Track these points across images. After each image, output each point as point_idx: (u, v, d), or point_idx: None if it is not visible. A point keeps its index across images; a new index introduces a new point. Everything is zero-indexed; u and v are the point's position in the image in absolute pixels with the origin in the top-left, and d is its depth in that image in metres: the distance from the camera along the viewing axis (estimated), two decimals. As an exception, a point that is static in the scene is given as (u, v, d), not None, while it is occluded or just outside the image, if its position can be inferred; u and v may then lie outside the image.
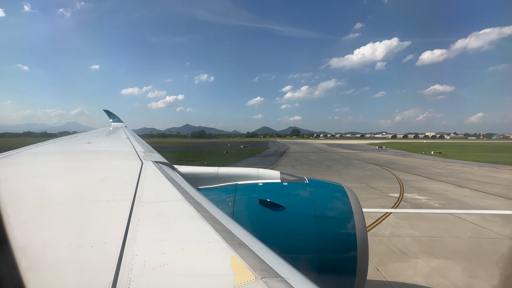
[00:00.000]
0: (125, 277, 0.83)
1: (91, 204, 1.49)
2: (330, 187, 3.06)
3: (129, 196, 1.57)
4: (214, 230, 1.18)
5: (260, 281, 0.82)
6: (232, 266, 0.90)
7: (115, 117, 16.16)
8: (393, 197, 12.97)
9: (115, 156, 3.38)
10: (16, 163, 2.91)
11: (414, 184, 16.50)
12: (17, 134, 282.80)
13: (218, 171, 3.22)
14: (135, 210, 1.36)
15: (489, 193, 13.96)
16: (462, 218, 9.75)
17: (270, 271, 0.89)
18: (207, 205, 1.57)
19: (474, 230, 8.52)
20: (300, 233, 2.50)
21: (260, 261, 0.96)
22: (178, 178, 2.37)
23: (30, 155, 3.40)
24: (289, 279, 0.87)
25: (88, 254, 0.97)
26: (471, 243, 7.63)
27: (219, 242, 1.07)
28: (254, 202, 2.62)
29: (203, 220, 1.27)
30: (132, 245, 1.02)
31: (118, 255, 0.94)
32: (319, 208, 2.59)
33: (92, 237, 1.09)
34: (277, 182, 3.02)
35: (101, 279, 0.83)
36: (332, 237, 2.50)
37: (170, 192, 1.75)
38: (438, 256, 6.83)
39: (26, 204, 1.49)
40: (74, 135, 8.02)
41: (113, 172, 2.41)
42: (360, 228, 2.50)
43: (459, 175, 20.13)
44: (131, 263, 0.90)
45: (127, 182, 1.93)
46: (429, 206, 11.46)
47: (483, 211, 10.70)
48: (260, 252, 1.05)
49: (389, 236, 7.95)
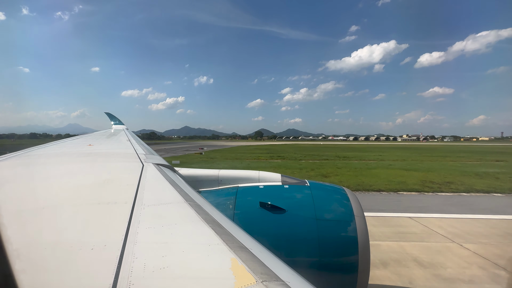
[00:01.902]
0: (125, 280, 0.82)
1: (91, 206, 1.49)
2: (331, 190, 3.05)
3: (129, 198, 1.57)
4: (214, 233, 1.17)
5: (261, 284, 0.81)
6: (232, 269, 0.89)
7: (116, 119, 16.24)
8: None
9: (116, 159, 3.39)
10: (17, 165, 2.92)
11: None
12: (23, 135, 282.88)
13: (219, 173, 3.22)
14: (136, 212, 1.36)
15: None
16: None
17: (271, 275, 0.89)
18: (208, 208, 1.57)
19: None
20: (301, 236, 2.48)
21: (261, 264, 0.95)
22: (179, 180, 2.37)
23: (31, 157, 3.41)
24: (290, 282, 0.86)
25: (88, 256, 0.97)
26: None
27: (219, 245, 1.06)
28: (255, 205, 2.62)
29: (203, 223, 1.27)
30: (132, 247, 1.01)
31: (118, 258, 0.94)
32: (320, 211, 2.58)
33: (92, 240, 1.09)
34: (278, 185, 3.01)
35: (101, 281, 0.83)
36: (333, 240, 2.48)
37: (170, 195, 1.75)
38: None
39: (26, 206, 1.49)
40: (75, 137, 8.06)
41: (114, 174, 2.42)
42: (362, 232, 2.49)
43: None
44: (131, 265, 0.90)
45: (127, 184, 1.93)
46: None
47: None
48: (261, 255, 1.05)
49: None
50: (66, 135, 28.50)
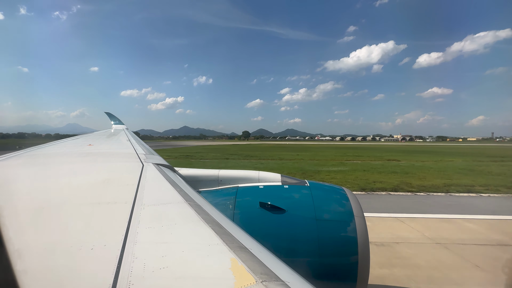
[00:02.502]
0: (124, 280, 0.82)
1: (91, 206, 1.49)
2: (331, 190, 3.05)
3: (129, 198, 1.57)
4: (214, 233, 1.17)
5: (261, 284, 0.81)
6: (232, 270, 0.89)
7: (116, 119, 16.23)
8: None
9: (116, 158, 3.39)
10: (16, 165, 2.92)
11: None
12: (21, 134, 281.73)
13: (219, 173, 3.22)
14: (136, 212, 1.36)
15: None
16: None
17: (271, 275, 0.89)
18: (208, 208, 1.57)
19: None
20: (301, 236, 2.49)
21: (260, 264, 0.95)
22: (178, 180, 2.37)
23: (30, 157, 3.41)
24: (290, 282, 0.86)
25: (88, 256, 0.97)
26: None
27: (219, 245, 1.06)
28: (255, 205, 2.62)
29: (203, 223, 1.27)
30: (132, 247, 1.01)
31: (118, 258, 0.94)
32: (320, 211, 2.58)
33: (92, 240, 1.09)
34: (277, 185, 3.01)
35: (100, 281, 0.83)
36: (333, 241, 2.48)
37: (170, 195, 1.75)
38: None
39: (26, 206, 1.49)
40: (75, 137, 8.06)
41: (114, 174, 2.42)
42: (361, 232, 2.49)
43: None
44: (131, 265, 0.90)
45: (127, 184, 1.93)
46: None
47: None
48: (261, 255, 1.05)
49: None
50: (64, 135, 28.09)
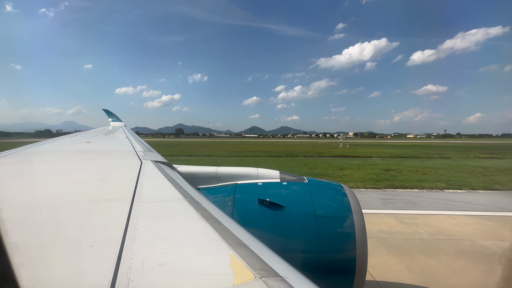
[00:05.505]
0: (124, 277, 0.83)
1: (90, 203, 1.49)
2: (329, 187, 3.06)
3: (128, 195, 1.57)
4: (213, 229, 1.17)
5: (260, 280, 0.82)
6: (231, 266, 0.89)
7: (114, 116, 16.13)
8: None
9: (114, 156, 3.38)
10: (14, 162, 2.90)
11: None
12: (18, 133, 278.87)
13: (218, 170, 3.22)
14: (134, 209, 1.36)
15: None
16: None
17: (269, 271, 0.89)
18: (207, 205, 1.57)
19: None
20: (299, 232, 2.50)
21: (259, 260, 0.96)
22: (177, 177, 2.37)
23: (28, 155, 3.39)
24: (288, 278, 0.87)
25: (87, 253, 0.97)
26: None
27: (218, 242, 1.07)
28: (254, 202, 2.63)
29: (202, 220, 1.27)
30: (131, 244, 1.01)
31: (117, 255, 0.94)
32: (318, 207, 2.59)
33: (91, 237, 1.09)
34: (276, 182, 3.02)
35: (100, 278, 0.83)
36: (331, 237, 2.50)
37: (169, 192, 1.75)
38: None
39: (24, 204, 1.48)
40: (72, 134, 8.01)
41: (112, 172, 2.41)
42: (359, 228, 2.51)
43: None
44: (130, 262, 0.90)
45: (126, 181, 1.93)
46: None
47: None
48: (260, 251, 1.05)
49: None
50: (56, 134, 27.64)
